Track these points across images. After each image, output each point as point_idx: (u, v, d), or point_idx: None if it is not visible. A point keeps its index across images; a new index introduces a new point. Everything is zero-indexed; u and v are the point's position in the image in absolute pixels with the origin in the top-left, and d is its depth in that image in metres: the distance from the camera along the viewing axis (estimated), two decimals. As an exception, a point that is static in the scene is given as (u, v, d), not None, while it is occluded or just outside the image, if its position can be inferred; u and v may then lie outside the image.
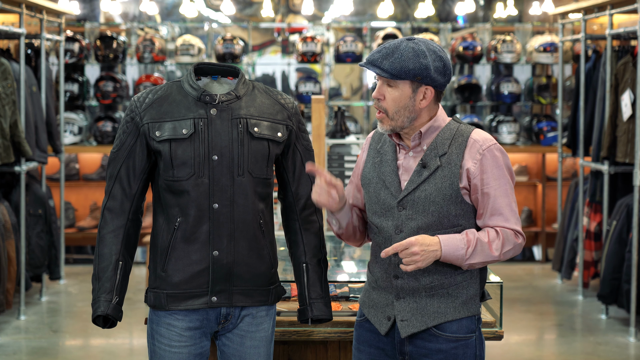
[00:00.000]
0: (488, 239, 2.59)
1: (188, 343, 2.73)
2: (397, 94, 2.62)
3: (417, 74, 2.59)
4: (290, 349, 3.24)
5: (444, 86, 2.65)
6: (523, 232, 2.64)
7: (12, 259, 6.11)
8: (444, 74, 2.63)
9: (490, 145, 2.63)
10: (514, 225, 2.62)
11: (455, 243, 2.57)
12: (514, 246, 2.62)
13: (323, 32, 9.61)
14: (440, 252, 2.57)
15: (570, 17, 7.86)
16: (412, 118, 2.64)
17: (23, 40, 6.44)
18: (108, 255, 2.72)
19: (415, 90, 2.62)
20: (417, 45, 2.61)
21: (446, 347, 2.64)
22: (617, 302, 6.23)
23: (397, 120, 2.64)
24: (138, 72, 9.68)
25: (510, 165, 2.67)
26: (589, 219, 6.90)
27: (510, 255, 2.63)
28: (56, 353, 5.64)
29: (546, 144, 8.67)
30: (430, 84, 2.61)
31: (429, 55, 2.60)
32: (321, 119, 4.67)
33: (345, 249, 4.25)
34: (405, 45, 2.60)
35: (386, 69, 2.60)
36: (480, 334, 2.70)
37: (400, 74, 2.59)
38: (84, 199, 8.65)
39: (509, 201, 2.62)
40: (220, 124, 2.69)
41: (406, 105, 2.62)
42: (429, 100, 2.63)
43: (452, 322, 2.64)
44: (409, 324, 2.65)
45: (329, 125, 8.33)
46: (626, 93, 6.24)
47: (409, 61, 2.58)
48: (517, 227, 2.63)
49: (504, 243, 2.60)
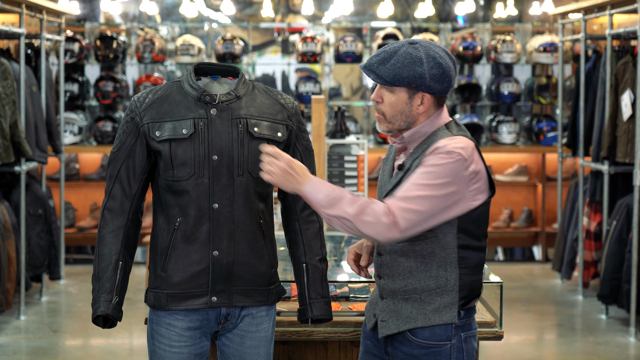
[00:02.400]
0: (352, 199, 2.49)
1: (188, 343, 2.73)
2: (394, 99, 2.62)
3: (412, 82, 2.57)
4: (290, 349, 3.24)
5: (443, 92, 2.61)
6: (401, 219, 2.47)
7: (12, 259, 6.11)
8: (442, 81, 2.59)
9: (442, 148, 2.54)
10: (394, 202, 2.49)
11: (321, 188, 2.51)
12: (375, 221, 2.47)
13: (323, 32, 9.61)
14: (302, 187, 2.52)
15: (570, 17, 7.86)
16: (409, 122, 2.64)
17: (23, 40, 6.44)
18: (108, 255, 2.72)
19: (412, 97, 2.61)
20: (416, 50, 2.58)
21: (418, 352, 2.63)
22: (617, 302, 6.23)
23: (394, 123, 2.64)
24: (138, 72, 9.68)
25: (455, 179, 2.52)
26: (589, 219, 6.90)
27: (369, 228, 2.47)
28: (56, 353, 5.64)
29: (546, 144, 8.67)
30: (426, 91, 2.59)
31: (425, 63, 2.57)
32: (321, 119, 4.67)
33: (345, 249, 4.25)
34: (404, 51, 2.58)
35: (381, 74, 2.59)
36: (460, 342, 2.63)
37: (394, 81, 2.58)
38: (84, 199, 8.65)
39: (409, 188, 2.50)
40: (220, 124, 2.69)
41: (403, 110, 2.62)
42: (426, 106, 2.62)
43: (424, 329, 2.62)
44: (386, 325, 2.67)
45: (329, 125, 8.33)
46: (626, 93, 6.24)
47: (404, 69, 2.56)
48: (395, 205, 2.48)
49: (364, 210, 2.48)
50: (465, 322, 2.65)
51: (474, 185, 2.56)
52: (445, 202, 2.52)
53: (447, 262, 2.61)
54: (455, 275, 2.61)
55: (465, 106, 9.40)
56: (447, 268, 2.61)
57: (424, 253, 2.61)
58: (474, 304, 2.69)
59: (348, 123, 8.60)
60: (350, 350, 3.23)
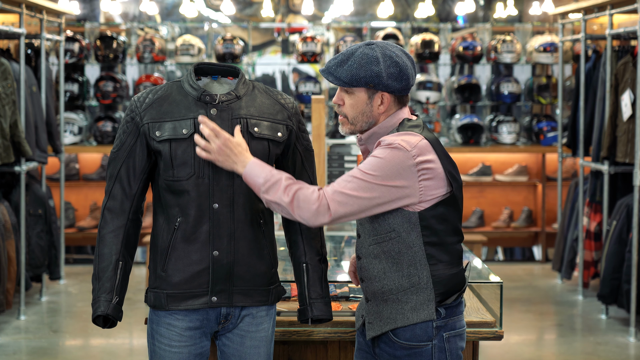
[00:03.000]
0: (287, 184, 2.53)
1: (188, 343, 2.73)
2: (354, 100, 2.65)
3: (369, 81, 2.61)
4: (290, 349, 3.24)
5: (403, 91, 2.64)
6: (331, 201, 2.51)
7: (12, 259, 6.11)
8: (400, 79, 2.62)
9: (390, 142, 2.56)
10: (328, 188, 2.53)
11: (260, 172, 2.55)
12: (306, 206, 2.51)
13: (323, 32, 9.61)
14: (239, 168, 2.57)
15: (570, 17, 7.86)
16: (370, 123, 2.67)
17: (23, 40, 6.44)
18: (108, 255, 2.72)
19: (372, 97, 2.64)
20: (372, 51, 2.62)
21: (400, 353, 2.65)
22: (617, 302, 6.23)
23: (356, 124, 2.68)
24: (138, 72, 9.68)
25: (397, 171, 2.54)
26: (589, 219, 6.90)
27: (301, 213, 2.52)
28: (56, 353, 5.64)
29: (546, 144, 8.67)
30: (384, 90, 2.63)
31: (382, 62, 2.60)
32: (321, 119, 4.67)
33: (345, 249, 4.25)
34: (361, 52, 2.62)
35: (339, 76, 2.63)
36: (442, 342, 2.64)
37: (352, 82, 2.62)
38: (84, 199, 8.66)
39: (345, 177, 2.55)
40: (220, 124, 2.69)
41: (364, 111, 2.66)
42: (386, 105, 2.65)
43: (405, 329, 2.63)
44: (372, 327, 2.70)
45: (329, 125, 8.33)
46: (626, 93, 6.24)
47: (361, 69, 2.60)
48: (327, 190, 2.53)
49: (297, 195, 2.52)
50: (448, 322, 2.66)
51: (425, 182, 2.57)
52: (384, 192, 2.54)
53: (416, 259, 2.62)
54: (427, 272, 2.63)
55: (465, 106, 9.40)
56: (417, 266, 2.63)
57: (392, 253, 2.63)
58: (459, 301, 2.68)
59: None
60: (350, 350, 3.23)
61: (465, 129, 8.77)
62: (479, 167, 8.76)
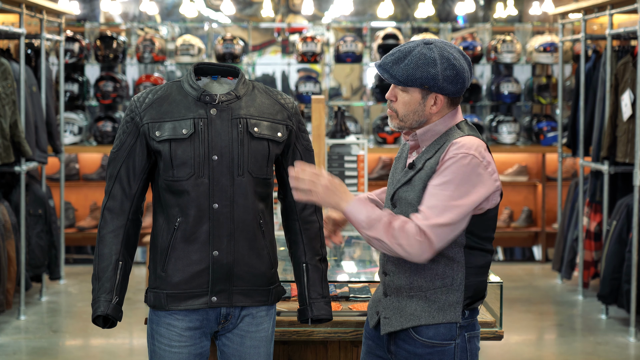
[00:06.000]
0: (388, 221, 2.52)
1: (188, 343, 2.73)
2: (408, 99, 2.63)
3: (425, 82, 2.58)
4: (290, 349, 3.24)
5: (457, 93, 2.62)
6: (433, 235, 2.50)
7: (12, 259, 6.12)
8: (455, 82, 2.60)
9: (462, 152, 2.55)
10: (422, 221, 2.51)
11: (362, 209, 2.55)
12: (409, 243, 2.50)
13: (323, 32, 9.61)
14: (344, 206, 2.56)
15: (570, 17, 7.86)
16: (421, 121, 2.65)
17: (23, 40, 6.44)
18: (108, 255, 2.72)
19: (425, 97, 2.62)
20: (430, 51, 2.59)
21: (422, 351, 2.63)
22: (617, 302, 6.23)
23: (405, 121, 2.66)
24: (138, 72, 9.68)
25: (476, 181, 2.55)
26: (589, 219, 6.90)
27: (403, 251, 2.52)
28: (56, 353, 5.64)
29: (546, 144, 8.67)
30: (439, 92, 2.60)
31: (439, 64, 2.57)
32: (321, 119, 4.67)
33: (345, 249, 4.25)
34: (418, 51, 2.59)
35: (394, 74, 2.61)
36: (464, 342, 2.64)
37: (407, 82, 2.59)
38: (84, 199, 8.66)
39: (437, 203, 2.53)
40: (220, 124, 2.69)
41: (415, 110, 2.63)
42: (439, 107, 2.63)
43: (428, 327, 2.62)
44: (389, 322, 2.67)
45: (329, 125, 8.33)
46: (626, 93, 6.24)
47: (417, 69, 2.58)
48: (424, 224, 2.50)
49: (399, 233, 2.51)
50: (469, 323, 2.66)
51: (496, 183, 2.60)
52: (472, 207, 2.55)
53: (455, 261, 2.61)
54: (462, 274, 2.62)
55: (465, 106, 9.39)
56: (454, 267, 2.61)
57: None
58: (478, 305, 2.69)
59: (348, 123, 8.60)
60: (350, 350, 3.23)
61: (465, 129, 8.76)
62: (479, 167, 8.75)
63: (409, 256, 2.53)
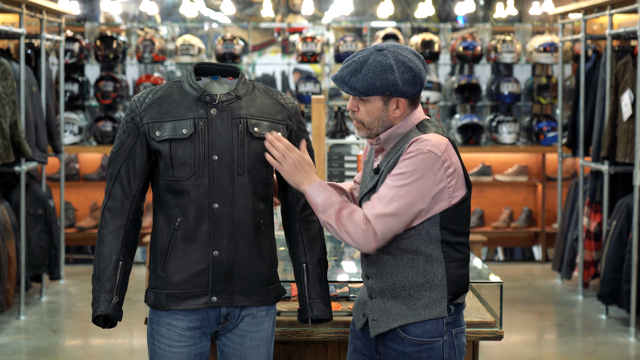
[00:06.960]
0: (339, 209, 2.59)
1: (188, 343, 2.73)
2: (370, 107, 2.66)
3: (385, 90, 2.61)
4: (290, 349, 3.24)
5: (417, 94, 2.66)
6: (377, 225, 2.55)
7: (12, 259, 6.12)
8: (415, 84, 2.62)
9: (420, 148, 2.58)
10: (369, 210, 2.57)
11: (321, 192, 2.62)
12: (354, 231, 2.56)
13: (323, 32, 9.61)
14: (306, 187, 2.64)
15: (570, 17, 7.86)
16: (386, 126, 2.68)
17: (23, 40, 6.44)
18: (108, 255, 2.72)
19: (387, 103, 2.65)
20: (386, 58, 2.60)
21: (410, 350, 2.65)
22: (617, 302, 6.23)
23: (372, 129, 2.69)
24: (138, 72, 9.68)
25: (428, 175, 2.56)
26: (589, 219, 6.90)
27: (349, 239, 2.58)
28: (56, 353, 5.64)
29: (546, 144, 8.67)
30: (400, 96, 2.63)
31: (396, 69, 2.60)
32: (321, 119, 4.67)
33: (345, 249, 4.25)
34: (373, 60, 2.60)
35: (354, 86, 2.63)
36: (451, 338, 2.66)
37: (368, 92, 2.62)
38: (84, 199, 8.66)
39: (386, 194, 2.57)
40: (220, 124, 2.69)
41: (379, 117, 2.66)
42: (402, 110, 2.66)
43: (416, 325, 2.64)
44: (377, 324, 2.69)
45: (329, 125, 8.34)
46: (626, 93, 6.24)
47: (376, 78, 2.60)
48: (370, 212, 2.56)
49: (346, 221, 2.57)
50: (455, 319, 2.69)
51: (451, 182, 2.60)
52: (421, 200, 2.57)
53: (433, 257, 2.64)
54: (442, 269, 2.64)
55: (465, 106, 9.40)
56: (434, 263, 2.64)
57: (410, 250, 2.64)
58: (463, 300, 2.72)
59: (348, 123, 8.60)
60: (350, 350, 3.23)
61: (465, 129, 8.77)
62: (479, 167, 8.76)
63: (356, 244, 2.59)
